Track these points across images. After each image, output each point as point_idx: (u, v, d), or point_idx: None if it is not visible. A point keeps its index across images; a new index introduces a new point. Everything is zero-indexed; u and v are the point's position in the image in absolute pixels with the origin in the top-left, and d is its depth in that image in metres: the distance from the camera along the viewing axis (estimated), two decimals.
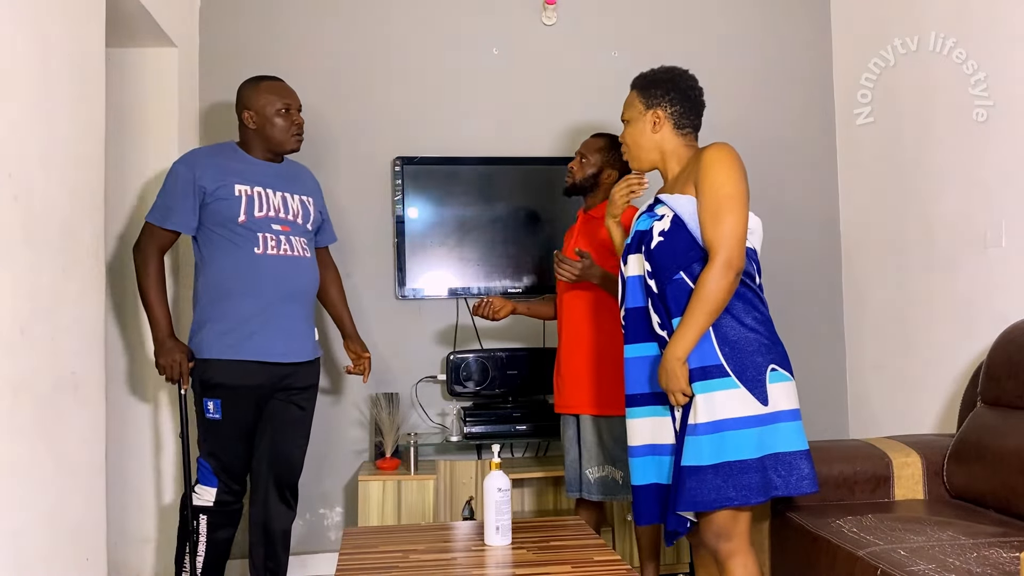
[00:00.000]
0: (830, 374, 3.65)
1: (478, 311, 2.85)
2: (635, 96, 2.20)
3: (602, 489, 2.66)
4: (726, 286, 1.94)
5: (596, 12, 3.59)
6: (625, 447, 2.60)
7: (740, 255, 1.95)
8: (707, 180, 1.98)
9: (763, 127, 3.66)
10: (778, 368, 1.98)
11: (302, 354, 2.66)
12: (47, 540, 1.79)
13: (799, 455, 1.95)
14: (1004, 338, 2.54)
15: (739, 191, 1.98)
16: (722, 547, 2.00)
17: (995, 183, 2.80)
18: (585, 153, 2.77)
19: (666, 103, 2.14)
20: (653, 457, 2.08)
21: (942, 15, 3.04)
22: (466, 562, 2.03)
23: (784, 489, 1.93)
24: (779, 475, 1.93)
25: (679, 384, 1.95)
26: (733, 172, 1.98)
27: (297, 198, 2.67)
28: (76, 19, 2.00)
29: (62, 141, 1.91)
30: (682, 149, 2.15)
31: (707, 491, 1.91)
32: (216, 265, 2.57)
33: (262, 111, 2.62)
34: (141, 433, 2.95)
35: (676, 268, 2.01)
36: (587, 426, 2.68)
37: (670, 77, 2.17)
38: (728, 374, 1.94)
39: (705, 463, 1.92)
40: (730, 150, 2.02)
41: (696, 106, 2.17)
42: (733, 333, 1.97)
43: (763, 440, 1.93)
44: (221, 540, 2.61)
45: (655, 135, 2.15)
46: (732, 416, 1.93)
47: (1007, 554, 1.93)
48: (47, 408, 1.80)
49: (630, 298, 2.12)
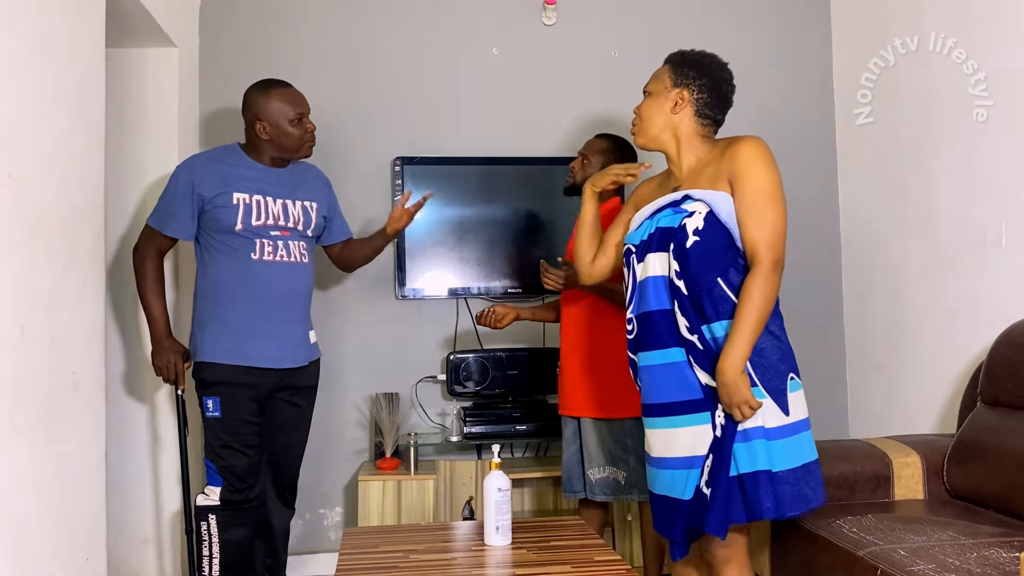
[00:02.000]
0: (830, 374, 3.65)
1: (481, 320, 2.86)
2: (666, 70, 2.07)
3: (605, 490, 2.66)
4: (773, 290, 1.86)
5: (596, 12, 3.59)
6: (626, 448, 2.62)
7: (783, 254, 1.88)
8: (748, 177, 1.88)
9: (763, 127, 3.61)
10: (795, 376, 1.92)
11: (297, 360, 2.65)
12: (47, 540, 1.79)
13: (817, 464, 1.91)
14: (1004, 338, 2.54)
15: (780, 189, 1.90)
16: (720, 552, 1.94)
17: (995, 183, 2.80)
18: (587, 154, 2.76)
19: (695, 87, 2.03)
20: (682, 471, 1.93)
21: (942, 15, 3.04)
22: (466, 562, 2.03)
23: (816, 501, 1.87)
24: (810, 487, 1.87)
25: (743, 395, 1.81)
26: (774, 169, 1.90)
27: (299, 204, 2.66)
28: (76, 19, 2.00)
29: (62, 141, 1.91)
30: (697, 139, 2.04)
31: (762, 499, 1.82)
32: (214, 269, 2.58)
33: (276, 123, 2.58)
34: (141, 433, 2.95)
35: (715, 271, 1.90)
36: (588, 428, 2.68)
37: (707, 62, 2.06)
38: (756, 383, 1.85)
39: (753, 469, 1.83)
40: (767, 146, 1.93)
41: (724, 100, 2.06)
42: (760, 340, 1.87)
43: (792, 451, 1.86)
44: (236, 540, 2.56)
45: (673, 115, 2.03)
46: (766, 426, 1.85)
47: (1007, 554, 1.93)
48: (47, 408, 1.80)
49: (652, 300, 1.97)
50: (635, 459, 2.61)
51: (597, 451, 2.66)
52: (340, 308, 3.40)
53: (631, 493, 2.64)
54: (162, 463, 2.96)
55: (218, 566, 2.56)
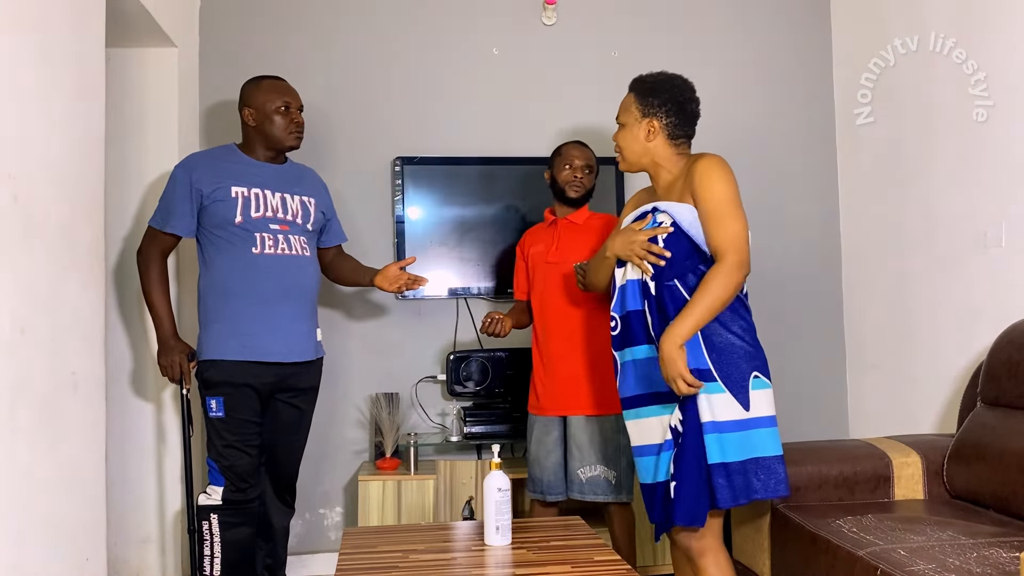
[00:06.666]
0: (830, 374, 3.65)
1: (487, 329, 2.80)
2: (632, 101, 2.21)
3: (596, 489, 2.66)
4: (733, 286, 2.00)
5: (596, 12, 3.59)
6: (616, 447, 2.65)
7: (747, 256, 2.03)
8: (704, 189, 2.05)
9: (763, 127, 3.65)
10: (760, 375, 2.05)
11: (303, 354, 2.66)
12: (47, 540, 1.79)
13: (776, 460, 2.03)
14: (1004, 338, 2.54)
15: (736, 198, 2.06)
16: (694, 544, 2.08)
17: (995, 183, 2.80)
18: (591, 164, 2.81)
19: (662, 114, 2.17)
20: (653, 457, 2.12)
21: (942, 15, 3.04)
22: (466, 562, 2.03)
23: (763, 492, 2.01)
24: (759, 479, 2.01)
25: (677, 369, 1.98)
26: (728, 180, 2.06)
27: (297, 198, 2.67)
28: (76, 19, 2.00)
29: (62, 141, 1.91)
30: (674, 158, 2.21)
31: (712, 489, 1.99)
32: (216, 266, 2.58)
33: (261, 108, 2.63)
34: (143, 433, 2.95)
35: (675, 273, 2.08)
36: (579, 427, 2.68)
37: (669, 88, 2.18)
38: (715, 379, 2.01)
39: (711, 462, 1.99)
40: (722, 161, 2.09)
41: (691, 118, 2.21)
42: (719, 339, 2.04)
43: (746, 444, 2.01)
44: (237, 539, 2.56)
45: (648, 143, 2.19)
46: (720, 420, 2.00)
47: (1007, 554, 1.93)
48: (47, 408, 1.80)
49: (630, 301, 2.16)
50: (625, 460, 2.66)
51: (589, 450, 2.66)
52: (340, 308, 3.41)
53: (619, 495, 2.67)
54: (166, 462, 2.96)
55: (219, 565, 2.56)
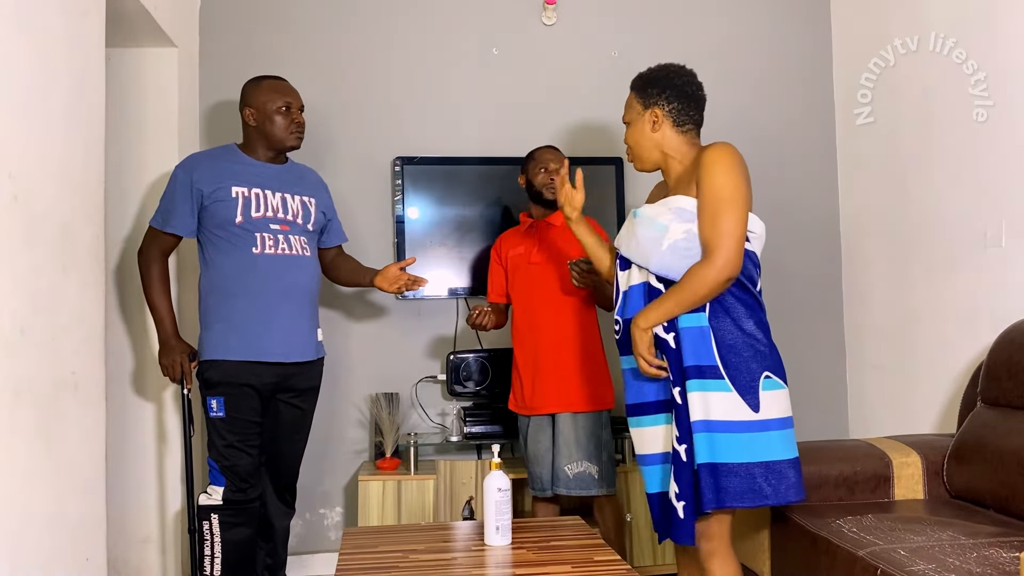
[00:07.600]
0: (830, 374, 3.65)
1: (475, 319, 2.84)
2: (633, 97, 2.19)
3: (581, 484, 2.70)
4: (712, 284, 1.93)
5: (596, 12, 3.59)
6: (598, 442, 2.71)
7: (737, 258, 1.93)
8: (705, 179, 1.97)
9: (763, 127, 3.65)
10: (772, 376, 1.97)
11: (304, 353, 2.66)
12: (47, 540, 1.79)
13: (788, 464, 1.95)
14: (1004, 338, 2.54)
15: (739, 193, 1.95)
16: (703, 547, 2.02)
17: (995, 183, 2.80)
18: (560, 168, 2.74)
19: (663, 101, 2.11)
20: (655, 467, 2.08)
21: (942, 15, 3.04)
22: (466, 562, 2.03)
23: (774, 498, 1.93)
24: (769, 484, 1.92)
25: (638, 350, 2.00)
26: (733, 173, 1.96)
27: (298, 198, 2.67)
28: (76, 19, 2.00)
29: (62, 141, 1.91)
30: (684, 147, 2.12)
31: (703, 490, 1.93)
32: (217, 266, 2.58)
33: (262, 108, 2.63)
34: (144, 433, 2.95)
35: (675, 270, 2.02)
36: (566, 423, 2.72)
37: (665, 75, 2.14)
38: (722, 376, 1.94)
39: (701, 461, 1.93)
40: (731, 150, 1.99)
41: (695, 101, 2.13)
42: (731, 337, 1.96)
43: (753, 447, 1.92)
44: (238, 540, 2.56)
45: (655, 134, 2.13)
46: (723, 419, 1.92)
47: (1007, 554, 1.93)
48: (47, 408, 1.80)
49: (632, 307, 2.09)
50: (606, 455, 2.73)
51: (574, 446, 2.69)
52: (340, 308, 3.41)
53: (601, 488, 2.71)
54: (167, 462, 2.96)
55: (220, 565, 2.56)
